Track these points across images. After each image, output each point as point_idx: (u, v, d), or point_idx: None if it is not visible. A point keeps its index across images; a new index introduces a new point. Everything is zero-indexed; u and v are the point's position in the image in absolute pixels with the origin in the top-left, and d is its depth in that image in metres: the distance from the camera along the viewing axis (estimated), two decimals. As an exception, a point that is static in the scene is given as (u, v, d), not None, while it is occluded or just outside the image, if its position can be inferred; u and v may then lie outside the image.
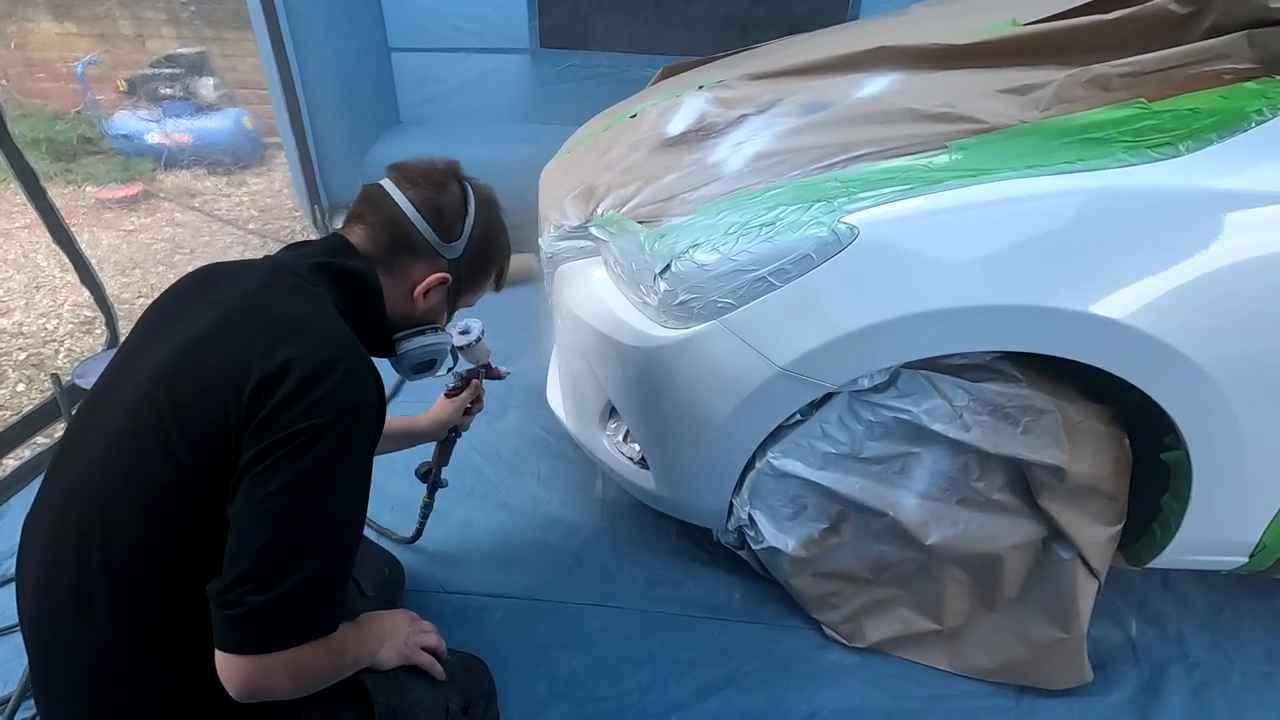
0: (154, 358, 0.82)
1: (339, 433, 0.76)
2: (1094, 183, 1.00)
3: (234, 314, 0.82)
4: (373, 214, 0.97)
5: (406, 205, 0.96)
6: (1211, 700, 1.31)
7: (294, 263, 0.91)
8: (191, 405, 0.76)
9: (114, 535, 0.76)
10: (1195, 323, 1.01)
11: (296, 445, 0.73)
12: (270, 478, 0.73)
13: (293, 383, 0.75)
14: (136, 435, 0.77)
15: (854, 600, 1.37)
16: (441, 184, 0.99)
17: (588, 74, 3.11)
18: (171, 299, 0.91)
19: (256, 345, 0.77)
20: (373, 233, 0.96)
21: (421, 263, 0.98)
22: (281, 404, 0.74)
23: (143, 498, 0.76)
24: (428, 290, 0.99)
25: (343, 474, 0.77)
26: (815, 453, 1.21)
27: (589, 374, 1.43)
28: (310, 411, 0.74)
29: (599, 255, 1.41)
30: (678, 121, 1.48)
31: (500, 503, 1.73)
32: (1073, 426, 1.12)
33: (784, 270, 1.08)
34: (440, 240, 0.98)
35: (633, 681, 1.33)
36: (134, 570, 0.76)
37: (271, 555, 0.73)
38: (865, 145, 1.13)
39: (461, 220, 1.00)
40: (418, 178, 0.99)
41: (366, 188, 0.99)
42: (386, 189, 0.98)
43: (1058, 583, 1.23)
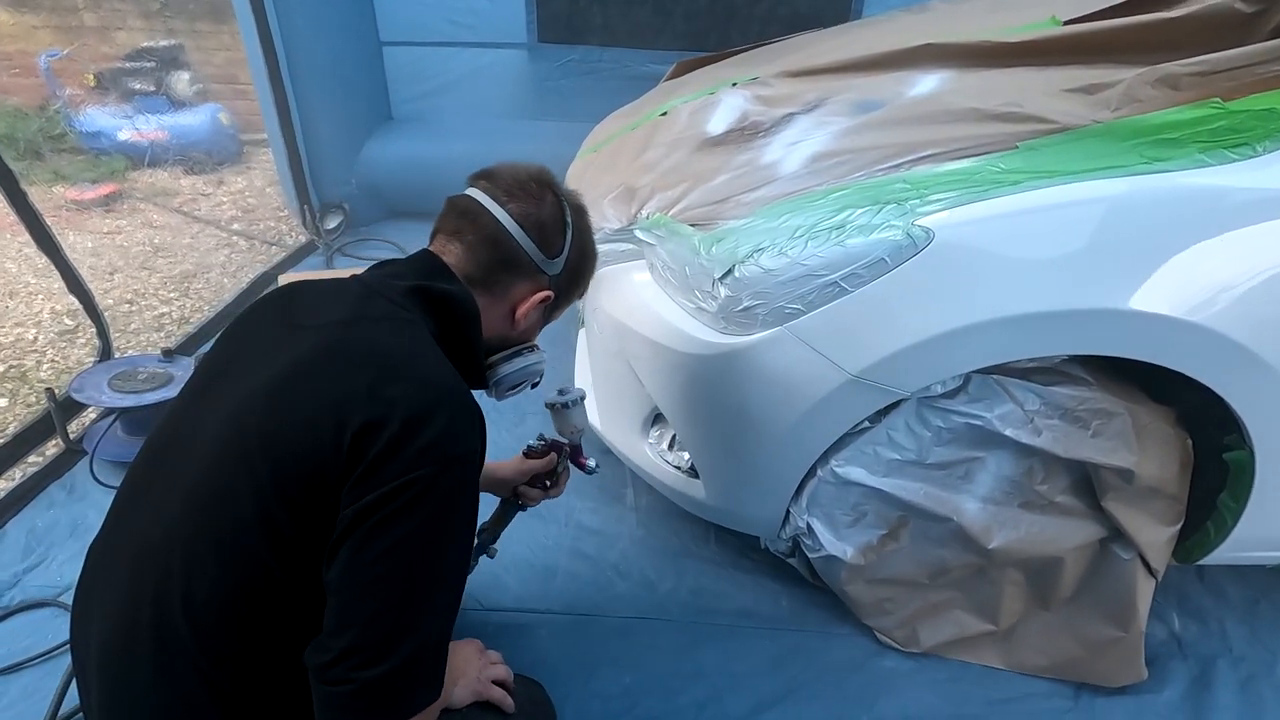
0: (240, 388, 0.76)
1: (446, 485, 0.71)
2: (1169, 184, 0.99)
3: (329, 346, 0.76)
4: (471, 231, 0.90)
5: (508, 221, 0.89)
6: (1259, 691, 1.33)
7: (385, 286, 0.85)
8: (285, 447, 0.70)
9: (194, 581, 0.71)
10: (1268, 323, 1.00)
11: (403, 502, 0.68)
12: (376, 541, 0.68)
13: (396, 428, 0.69)
14: (221, 474, 0.72)
15: (908, 605, 1.35)
16: (539, 196, 0.92)
17: (587, 69, 3.05)
18: (254, 321, 0.85)
19: (357, 384, 0.71)
20: (472, 252, 0.89)
21: (524, 282, 0.92)
22: (386, 452, 0.68)
23: (227, 543, 0.70)
24: (528, 313, 0.94)
25: (451, 530, 0.73)
26: (880, 460, 1.19)
27: (632, 381, 1.39)
28: (416, 461, 0.69)
29: (641, 259, 1.37)
30: (718, 120, 1.44)
31: (531, 514, 1.66)
32: (1142, 428, 1.11)
33: (856, 275, 1.05)
34: (545, 257, 0.92)
35: (688, 697, 1.30)
36: (214, 619, 0.71)
37: (382, 627, 0.68)
38: (931, 146, 1.11)
39: (562, 235, 0.94)
40: (515, 189, 0.91)
41: (456, 200, 0.92)
42: (482, 202, 0.90)
43: (1116, 582, 1.23)
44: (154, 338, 2.56)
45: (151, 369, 1.87)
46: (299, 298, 0.86)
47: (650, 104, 1.80)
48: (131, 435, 1.82)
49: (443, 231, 0.92)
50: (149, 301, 2.80)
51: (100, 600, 0.77)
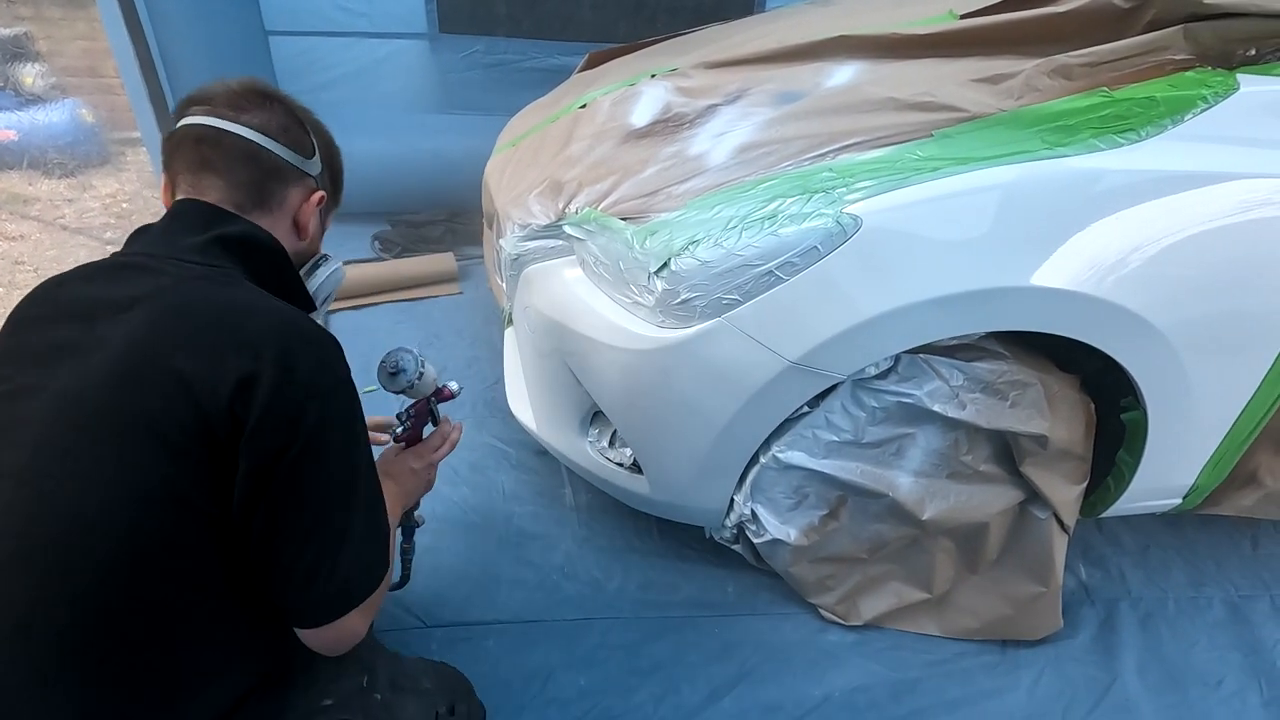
0: (64, 377, 0.70)
1: (336, 413, 0.75)
2: (1068, 167, 1.06)
3: (164, 316, 0.72)
4: (219, 157, 0.83)
5: (253, 134, 0.83)
6: (1157, 628, 1.47)
7: (173, 249, 0.78)
8: (154, 416, 0.68)
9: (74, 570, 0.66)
10: (1157, 292, 1.10)
11: (304, 445, 0.71)
12: (298, 489, 0.71)
13: (271, 375, 0.70)
14: (76, 458, 0.68)
15: (848, 580, 1.40)
16: (266, 103, 0.86)
17: (492, 62, 2.97)
18: (38, 319, 0.77)
19: (216, 343, 0.71)
20: (233, 178, 0.83)
21: (294, 189, 0.88)
22: (269, 402, 0.69)
23: (102, 522, 0.67)
24: (311, 217, 0.91)
25: (357, 450, 0.78)
26: (819, 442, 1.22)
27: (568, 380, 1.36)
28: (302, 402, 0.71)
29: (571, 255, 1.34)
30: (641, 112, 1.43)
31: (468, 524, 1.63)
32: (1052, 396, 1.19)
33: (791, 263, 1.07)
34: (302, 158, 0.88)
35: (645, 693, 1.30)
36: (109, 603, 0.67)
37: (331, 545, 0.74)
38: (853, 135, 1.14)
39: (306, 133, 0.90)
40: (240, 102, 0.85)
41: (183, 132, 0.83)
42: (217, 125, 0.82)
43: (1035, 541, 1.32)
44: (20, 362, 2.29)
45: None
46: (66, 295, 0.78)
47: (567, 96, 1.77)
48: None
49: (184, 170, 0.83)
50: (10, 322, 2.50)
51: None
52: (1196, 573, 1.60)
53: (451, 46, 2.91)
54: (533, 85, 2.51)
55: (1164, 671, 1.38)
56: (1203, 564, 1.63)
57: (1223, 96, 1.07)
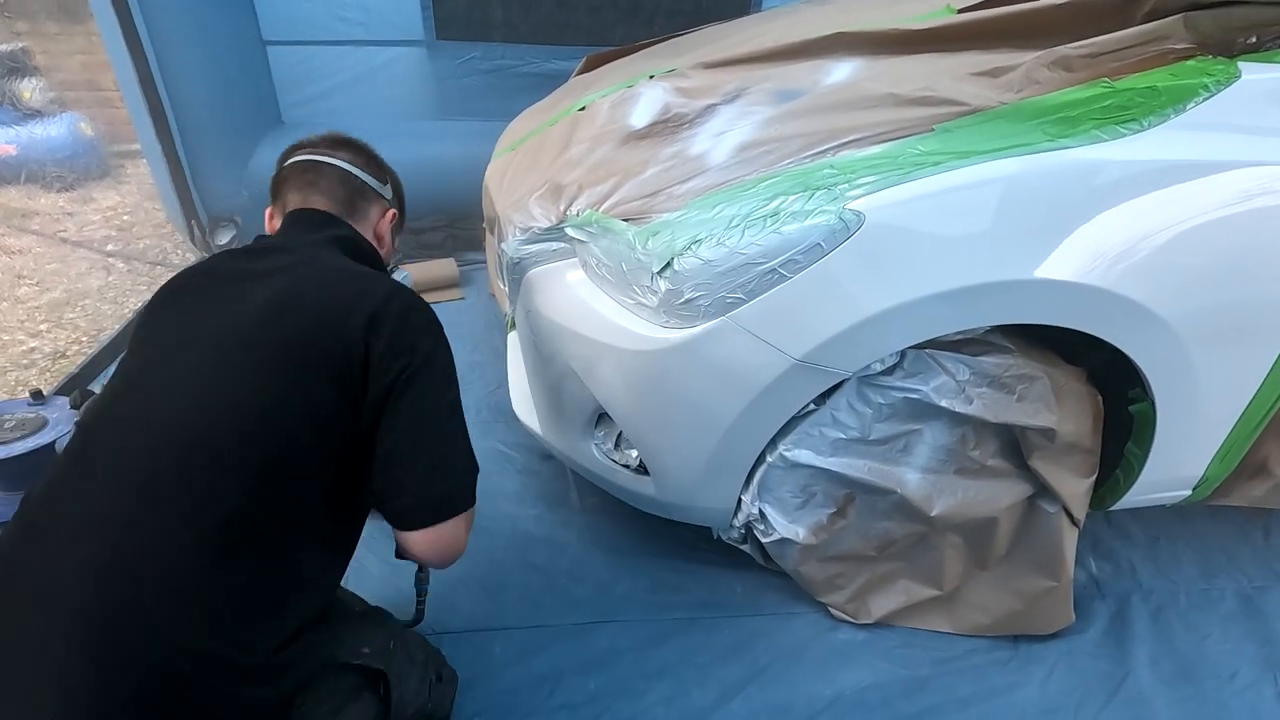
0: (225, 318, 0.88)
1: (442, 349, 0.96)
2: (1071, 159, 1.06)
3: (302, 275, 0.93)
4: (322, 180, 1.08)
5: (343, 164, 1.10)
6: (1169, 620, 1.46)
7: (302, 242, 1.01)
8: (308, 344, 0.86)
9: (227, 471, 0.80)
10: (1163, 283, 1.09)
11: (416, 368, 0.90)
12: (410, 398, 0.89)
13: (395, 315, 0.90)
14: (243, 377, 0.84)
15: (858, 579, 1.39)
16: (350, 144, 1.14)
17: (490, 67, 2.97)
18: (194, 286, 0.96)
19: (350, 291, 0.91)
20: (333, 195, 1.08)
21: (375, 207, 1.13)
22: (394, 334, 0.89)
23: (258, 430, 0.82)
24: (387, 230, 1.15)
25: (453, 374, 0.96)
26: (825, 440, 1.21)
27: (572, 382, 1.36)
28: (417, 337, 0.92)
29: (573, 258, 1.34)
30: (640, 113, 1.43)
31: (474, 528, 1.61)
32: (1059, 389, 1.19)
33: (794, 261, 1.07)
34: (380, 183, 1.14)
35: (655, 695, 1.29)
36: (251, 501, 0.81)
37: (434, 449, 0.91)
38: (853, 131, 1.14)
39: (380, 165, 1.17)
40: (333, 145, 1.12)
41: (291, 168, 1.09)
42: (319, 159, 1.09)
43: (1045, 535, 1.32)
44: (24, 376, 2.30)
45: (20, 414, 1.66)
46: (216, 267, 0.98)
47: (565, 100, 1.77)
48: (6, 491, 1.61)
49: (294, 192, 1.07)
50: (14, 335, 2.51)
51: (93, 485, 0.79)
52: (1208, 565, 1.59)
53: (449, 53, 2.91)
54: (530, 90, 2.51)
55: (1177, 665, 1.37)
56: (1214, 556, 1.62)
57: (1224, 85, 1.06)
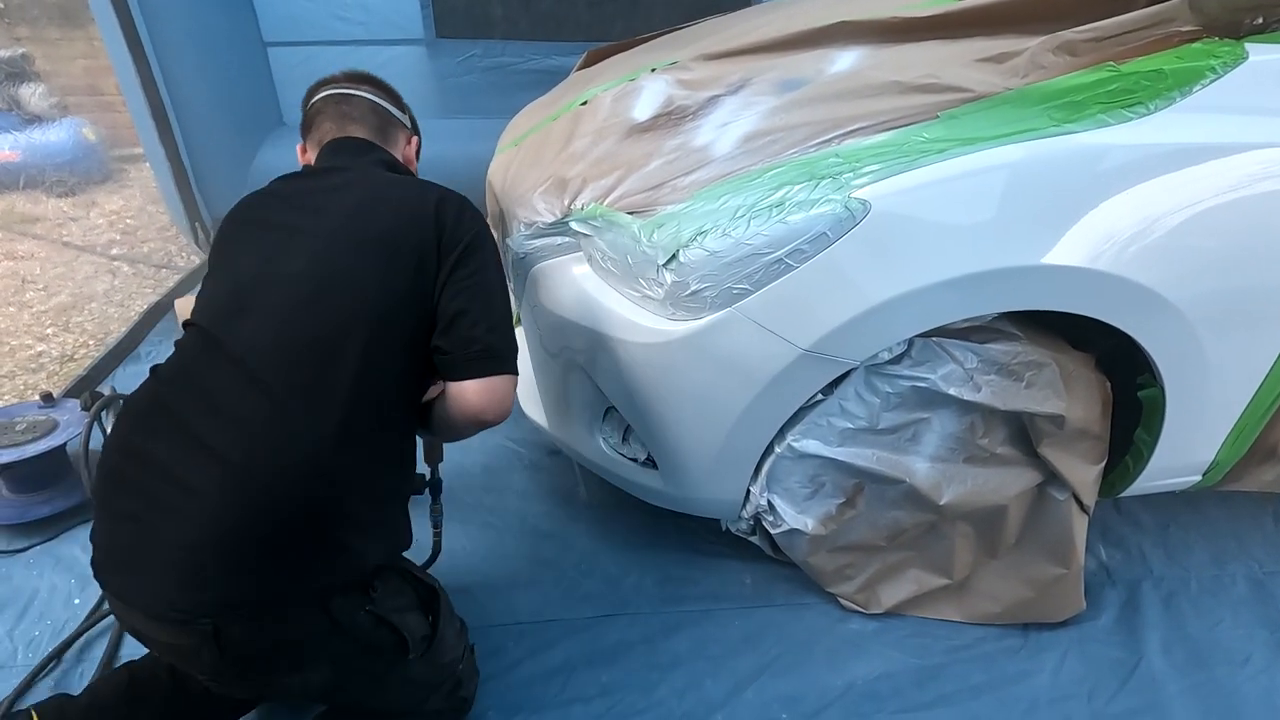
0: (325, 221, 1.01)
1: (488, 232, 1.08)
2: (1078, 144, 1.05)
3: (370, 184, 1.07)
4: (356, 111, 1.18)
5: (373, 96, 1.20)
6: (1180, 607, 1.45)
7: (357, 165, 1.11)
8: (396, 233, 1.00)
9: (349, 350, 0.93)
10: (1171, 267, 1.09)
11: (475, 243, 1.04)
12: (470, 268, 1.02)
13: (455, 203, 1.06)
14: (346, 269, 0.97)
15: (867, 569, 1.39)
16: (366, 77, 1.23)
17: (490, 65, 2.97)
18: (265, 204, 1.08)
19: (417, 188, 1.06)
20: (367, 124, 1.17)
21: (400, 134, 1.23)
22: (456, 218, 1.04)
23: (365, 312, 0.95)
24: (413, 156, 1.26)
25: (499, 257, 1.08)
26: (833, 430, 1.21)
27: (579, 377, 1.36)
28: (472, 222, 1.06)
29: (578, 252, 1.34)
30: (643, 106, 1.42)
31: (483, 524, 1.63)
32: (1068, 376, 1.18)
33: (800, 250, 1.06)
34: (402, 113, 1.25)
35: (667, 687, 1.29)
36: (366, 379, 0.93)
37: (491, 310, 1.02)
38: (858, 120, 1.14)
39: (399, 97, 1.26)
40: (356, 80, 1.21)
41: (323, 99, 1.18)
42: (349, 92, 1.19)
43: (1055, 523, 1.31)
44: (32, 380, 2.31)
45: (32, 417, 1.67)
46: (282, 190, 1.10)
47: (567, 94, 1.77)
48: (19, 494, 1.62)
49: (330, 123, 1.16)
50: (22, 340, 2.52)
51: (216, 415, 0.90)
52: (1218, 550, 1.59)
53: (449, 51, 2.91)
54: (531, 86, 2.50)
55: (1189, 650, 1.36)
56: (1224, 541, 1.61)
57: (1232, 66, 1.06)
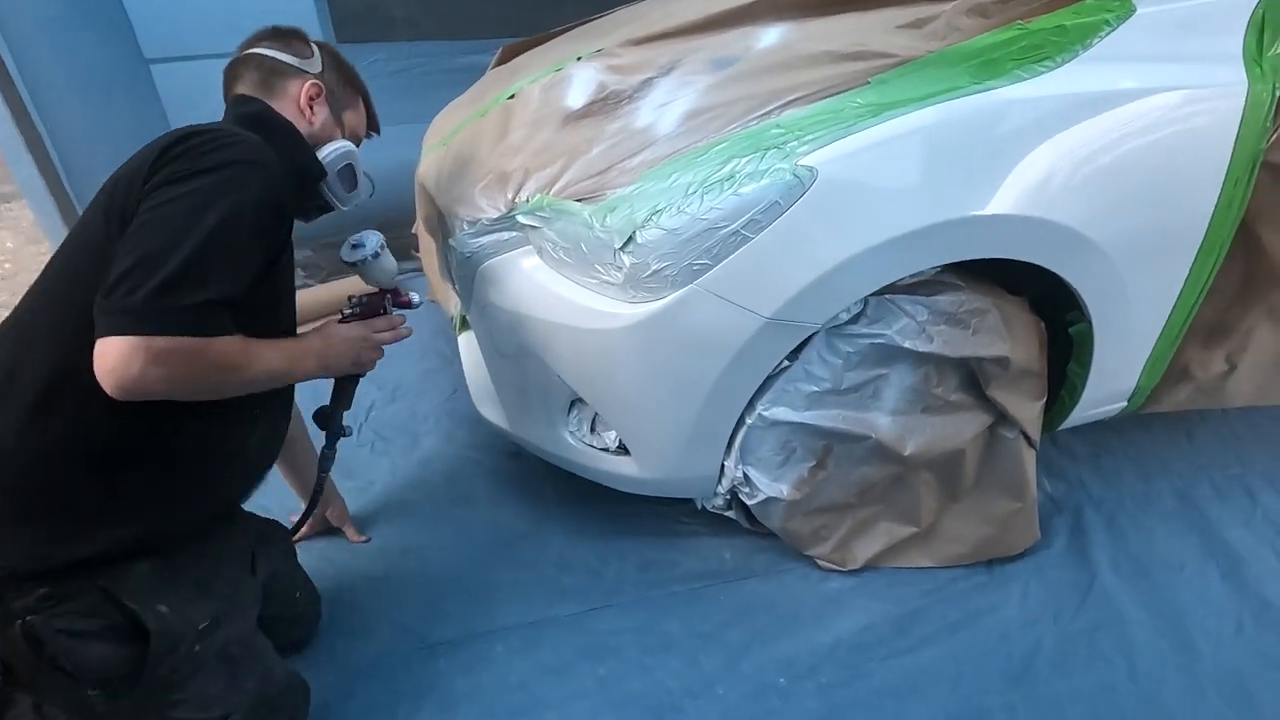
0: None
1: (224, 174, 0.87)
2: (999, 99, 1.12)
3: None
4: (238, 69, 1.12)
5: (262, 48, 1.12)
6: (1121, 526, 1.57)
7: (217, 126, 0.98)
8: (118, 195, 0.88)
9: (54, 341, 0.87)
10: (1091, 208, 1.17)
11: (183, 175, 0.85)
12: (156, 199, 0.84)
13: (187, 141, 0.88)
14: (75, 245, 0.93)
15: (840, 528, 1.44)
16: (281, 29, 1.16)
17: (397, 68, 2.88)
18: None
19: (195, 129, 0.91)
20: (248, 78, 1.11)
21: (293, 81, 1.12)
22: (177, 155, 0.87)
23: (65, 300, 0.87)
24: (310, 102, 1.12)
25: (223, 204, 0.85)
26: (800, 395, 1.24)
27: (539, 372, 1.34)
28: (200, 156, 0.87)
29: (525, 246, 1.32)
30: (576, 94, 1.42)
31: (455, 535, 1.58)
32: (1008, 319, 1.26)
33: (755, 221, 1.08)
34: (299, 59, 1.13)
35: (664, 670, 1.29)
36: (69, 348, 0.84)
37: (146, 252, 0.81)
38: (794, 90, 1.17)
39: (305, 42, 1.16)
40: (261, 34, 1.15)
41: (232, 61, 1.14)
42: (235, 57, 1.14)
43: (1007, 460, 1.39)
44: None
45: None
46: None
47: (490, 90, 1.73)
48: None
49: (225, 90, 1.13)
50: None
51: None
52: (1144, 470, 1.72)
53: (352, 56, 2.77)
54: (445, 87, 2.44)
55: (1134, 564, 1.48)
56: (1148, 461, 1.75)
57: (1123, 19, 1.15)
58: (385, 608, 1.38)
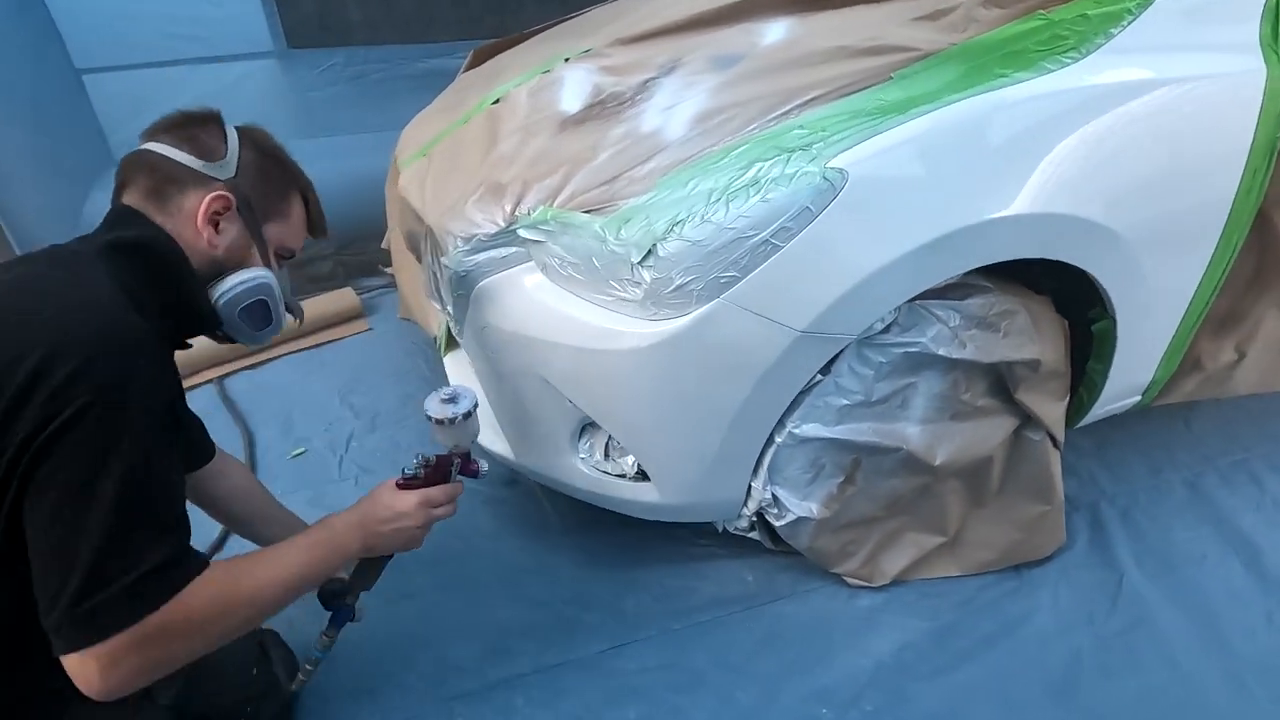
0: None
1: (97, 433, 0.70)
2: (1029, 91, 1.07)
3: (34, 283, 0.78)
4: (132, 170, 0.89)
5: (160, 147, 0.89)
6: (1136, 520, 1.55)
7: (75, 251, 0.83)
8: None
9: None
10: (1118, 202, 1.13)
11: (42, 448, 0.68)
12: (36, 503, 0.69)
13: (23, 375, 0.68)
14: None
15: (868, 542, 1.38)
16: (187, 121, 0.92)
17: (355, 74, 2.72)
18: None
19: (51, 306, 0.74)
20: (138, 188, 0.88)
21: (193, 192, 0.89)
22: (15, 404, 0.68)
23: None
24: (214, 219, 0.89)
25: (113, 467, 0.70)
26: (831, 409, 1.18)
27: (547, 397, 1.24)
28: (50, 404, 0.68)
29: (528, 262, 1.22)
30: (569, 98, 1.32)
31: (456, 575, 1.47)
32: (1037, 320, 1.22)
33: (785, 229, 1.01)
34: (204, 162, 0.89)
35: (699, 709, 1.21)
36: None
37: (54, 556, 0.70)
38: (812, 88, 1.10)
39: (221, 140, 0.92)
40: (165, 125, 0.92)
41: (122, 160, 0.92)
42: (140, 148, 0.91)
43: (1034, 463, 1.35)
44: None
45: None
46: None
47: (469, 95, 1.63)
48: None
49: (115, 191, 0.91)
50: None
51: None
52: (1151, 461, 1.71)
53: (306, 62, 2.64)
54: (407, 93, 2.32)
55: (1156, 559, 1.45)
56: (1153, 452, 1.74)
57: (1144, 7, 1.12)
58: (392, 664, 1.27)
